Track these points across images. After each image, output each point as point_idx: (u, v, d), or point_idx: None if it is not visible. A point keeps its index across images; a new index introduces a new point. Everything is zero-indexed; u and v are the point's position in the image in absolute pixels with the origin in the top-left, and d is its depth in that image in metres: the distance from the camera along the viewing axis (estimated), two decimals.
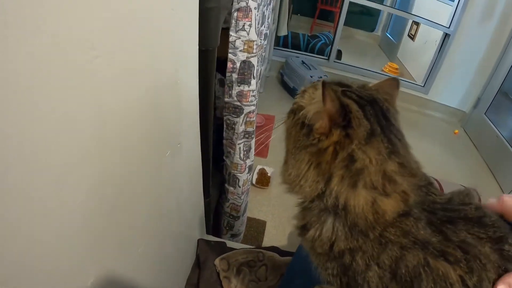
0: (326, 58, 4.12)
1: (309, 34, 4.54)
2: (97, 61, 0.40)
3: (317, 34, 4.50)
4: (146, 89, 0.56)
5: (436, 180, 2.46)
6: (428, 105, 4.28)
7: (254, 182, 2.37)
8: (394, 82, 0.68)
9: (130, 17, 0.46)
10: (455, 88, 4.10)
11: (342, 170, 0.56)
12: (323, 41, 4.30)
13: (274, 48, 3.66)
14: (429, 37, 4.55)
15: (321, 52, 4.22)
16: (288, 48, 4.21)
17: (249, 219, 2.16)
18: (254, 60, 1.05)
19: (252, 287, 1.16)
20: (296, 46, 4.26)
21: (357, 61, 4.56)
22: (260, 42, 1.45)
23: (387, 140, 0.56)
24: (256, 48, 1.02)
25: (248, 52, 1.02)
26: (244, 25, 0.96)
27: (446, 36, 3.78)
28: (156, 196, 0.72)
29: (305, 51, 4.27)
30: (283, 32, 3.57)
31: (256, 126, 2.77)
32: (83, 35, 0.37)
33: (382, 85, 0.67)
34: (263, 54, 1.72)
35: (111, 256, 0.57)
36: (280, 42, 4.15)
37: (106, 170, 0.49)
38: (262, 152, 2.65)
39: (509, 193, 2.89)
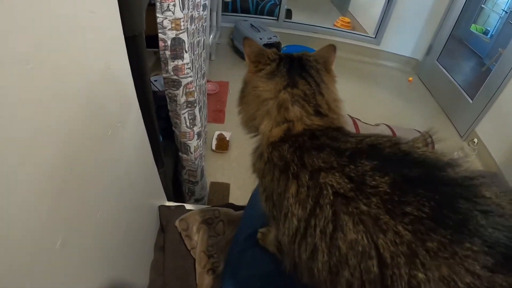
0: (276, 18, 4.14)
1: None
2: (33, 71, 0.50)
3: None
4: (81, 82, 0.65)
5: (389, 126, 2.61)
6: (381, 56, 4.41)
7: (214, 148, 2.46)
8: (331, 48, 0.84)
9: (55, 32, 0.56)
10: (407, 37, 4.22)
11: (255, 100, 0.74)
12: (272, 2, 4.28)
13: (222, 15, 3.65)
14: None
15: (271, 13, 4.22)
16: (237, 13, 4.20)
17: (213, 184, 2.26)
18: (183, 36, 1.12)
19: (212, 242, 1.27)
20: (245, 10, 4.24)
21: (309, 19, 4.60)
22: (198, 14, 1.51)
23: (289, 79, 0.73)
24: (184, 25, 1.10)
25: (177, 30, 1.09)
26: (168, 6, 1.03)
27: None
28: (104, 171, 0.80)
29: (255, 14, 4.27)
30: None
31: (211, 94, 2.86)
32: (20, 55, 0.47)
33: (321, 51, 0.83)
34: (204, 24, 1.78)
35: (71, 223, 0.66)
36: (229, 8, 4.14)
37: (55, 152, 0.58)
38: (218, 117, 2.73)
39: (463, 134, 3.08)
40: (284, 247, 0.65)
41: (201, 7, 1.57)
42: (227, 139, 2.50)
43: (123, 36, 0.83)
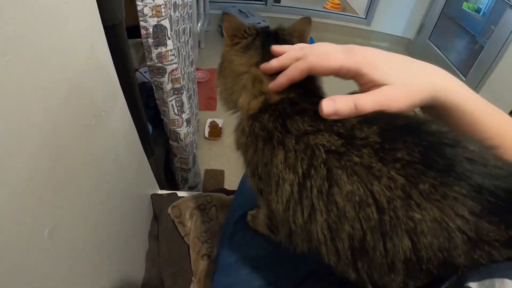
0: (264, 3, 4.12)
1: None
2: (10, 64, 0.50)
3: None
4: (61, 72, 0.66)
5: None
6: (372, 36, 4.41)
7: (207, 135, 2.47)
8: (307, 20, 0.83)
9: (30, 23, 0.55)
10: (398, 17, 4.22)
11: (231, 75, 0.75)
12: None
13: (210, 2, 3.62)
14: None
15: None
16: None
17: (207, 171, 2.27)
18: (165, 22, 1.12)
19: (205, 227, 1.28)
20: None
21: (298, 2, 4.58)
22: (182, 1, 1.50)
23: (262, 54, 0.73)
24: (164, 11, 1.09)
25: (158, 17, 1.08)
26: None
27: None
28: (90, 160, 0.81)
29: None
30: None
31: (201, 82, 2.86)
32: None
33: (296, 24, 0.83)
34: (190, 11, 1.77)
35: (57, 212, 0.66)
36: None
37: (39, 143, 0.58)
38: (210, 105, 2.73)
39: None
40: (278, 216, 0.64)
41: None
42: (220, 126, 2.51)
43: (102, 25, 0.82)
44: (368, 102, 0.51)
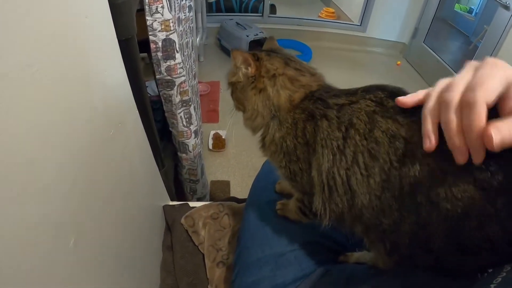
0: (260, 15, 4.17)
1: None
2: (38, 74, 0.52)
3: None
4: (81, 83, 0.68)
5: None
6: (367, 43, 4.45)
7: (211, 147, 2.48)
8: (272, 39, 0.98)
9: (55, 37, 0.58)
10: (392, 22, 4.26)
11: (269, 81, 0.82)
12: None
13: (207, 15, 3.66)
14: None
15: (255, 10, 4.25)
16: (222, 12, 4.22)
17: (213, 182, 2.28)
18: (174, 36, 1.15)
19: (219, 235, 1.30)
20: (229, 9, 4.26)
21: (293, 12, 4.65)
22: (184, 16, 1.54)
23: (281, 56, 0.85)
24: (173, 25, 1.12)
25: (167, 31, 1.12)
26: (157, 8, 1.05)
27: None
28: (108, 170, 0.83)
29: (240, 12, 4.29)
30: None
31: (202, 94, 2.88)
32: (25, 59, 0.50)
33: (267, 44, 0.96)
34: (191, 25, 1.81)
35: (81, 223, 0.68)
36: (213, 8, 4.16)
37: (62, 152, 0.60)
38: (212, 117, 2.75)
39: None
40: (319, 177, 0.71)
41: (187, 8, 1.59)
42: (223, 137, 2.53)
43: (117, 39, 0.85)
44: None
